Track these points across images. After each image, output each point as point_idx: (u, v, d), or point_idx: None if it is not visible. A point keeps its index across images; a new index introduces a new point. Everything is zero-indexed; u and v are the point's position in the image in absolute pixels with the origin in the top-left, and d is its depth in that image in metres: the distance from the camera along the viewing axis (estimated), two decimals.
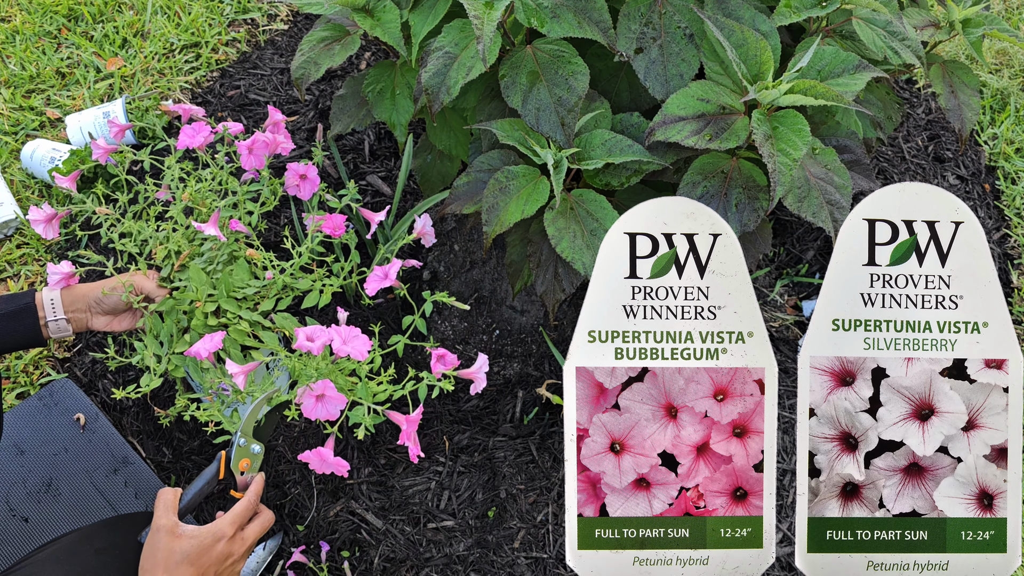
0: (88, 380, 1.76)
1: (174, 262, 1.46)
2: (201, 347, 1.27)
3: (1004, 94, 2.33)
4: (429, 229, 1.53)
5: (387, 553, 1.56)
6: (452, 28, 1.26)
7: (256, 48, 2.36)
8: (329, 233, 1.48)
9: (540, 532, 1.58)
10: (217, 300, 1.40)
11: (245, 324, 1.40)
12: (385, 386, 1.34)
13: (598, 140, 1.28)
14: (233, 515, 1.16)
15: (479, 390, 1.35)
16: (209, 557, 1.12)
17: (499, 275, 1.80)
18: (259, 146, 1.51)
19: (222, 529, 1.14)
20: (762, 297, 1.93)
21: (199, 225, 1.40)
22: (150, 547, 1.12)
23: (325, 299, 1.45)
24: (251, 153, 1.51)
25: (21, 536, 1.54)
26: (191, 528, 1.13)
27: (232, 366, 1.25)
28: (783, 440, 1.70)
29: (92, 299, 1.38)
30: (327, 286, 1.46)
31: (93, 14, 2.38)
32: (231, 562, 1.14)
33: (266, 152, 1.53)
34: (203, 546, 1.12)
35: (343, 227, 1.49)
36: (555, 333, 1.80)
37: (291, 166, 1.53)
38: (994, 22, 1.45)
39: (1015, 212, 2.11)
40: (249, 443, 1.28)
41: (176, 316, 1.42)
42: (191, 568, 1.10)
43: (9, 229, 1.97)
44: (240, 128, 1.55)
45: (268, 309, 1.43)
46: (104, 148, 1.54)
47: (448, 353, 1.33)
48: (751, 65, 1.23)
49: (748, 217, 1.24)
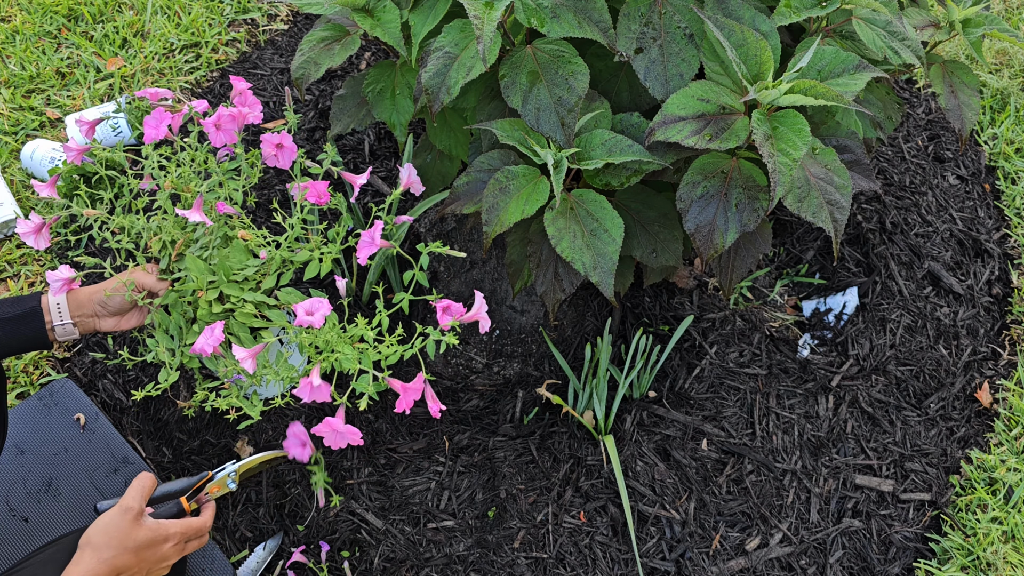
0: (88, 380, 1.76)
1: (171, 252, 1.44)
2: (203, 343, 1.26)
3: (1004, 94, 2.33)
4: (415, 179, 1.48)
5: (387, 553, 1.56)
6: (452, 28, 1.26)
7: (256, 48, 2.36)
8: (314, 202, 1.44)
9: (540, 532, 1.58)
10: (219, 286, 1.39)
11: (250, 306, 1.39)
12: (394, 346, 1.33)
13: (598, 140, 1.28)
14: (186, 525, 1.22)
15: (486, 329, 1.32)
16: (153, 553, 1.17)
17: (499, 275, 1.80)
18: (226, 121, 1.45)
19: (174, 533, 1.19)
20: (762, 297, 1.93)
21: (184, 212, 1.36)
22: (110, 522, 1.15)
23: (326, 267, 1.42)
24: (219, 130, 1.45)
25: (21, 536, 1.54)
26: (151, 521, 1.18)
27: (239, 351, 1.24)
28: (783, 440, 1.70)
29: (98, 302, 1.37)
30: (325, 254, 1.43)
31: (93, 14, 2.38)
32: (163, 565, 1.20)
33: (235, 127, 1.47)
34: (153, 541, 1.17)
35: (327, 194, 1.44)
36: (555, 333, 1.80)
37: (265, 137, 1.47)
38: (994, 22, 1.45)
39: (1015, 212, 2.11)
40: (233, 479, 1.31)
41: (182, 307, 1.41)
42: (134, 557, 1.14)
43: (9, 229, 1.97)
44: (206, 105, 1.49)
45: (271, 286, 1.42)
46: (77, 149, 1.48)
47: (453, 303, 1.30)
48: (751, 65, 1.23)
49: (748, 217, 1.24)
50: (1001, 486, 1.68)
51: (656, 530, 1.59)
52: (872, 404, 1.76)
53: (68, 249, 1.96)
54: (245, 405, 1.35)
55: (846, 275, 1.95)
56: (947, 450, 1.73)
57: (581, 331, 1.82)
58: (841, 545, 1.60)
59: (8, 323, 1.29)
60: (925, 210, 2.07)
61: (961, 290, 1.94)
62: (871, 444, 1.71)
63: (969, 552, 1.61)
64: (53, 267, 1.93)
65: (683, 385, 1.75)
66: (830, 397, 1.76)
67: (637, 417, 1.70)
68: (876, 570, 1.58)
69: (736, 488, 1.64)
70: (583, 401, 1.68)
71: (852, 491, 1.66)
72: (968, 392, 1.82)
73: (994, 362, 1.87)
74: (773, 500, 1.63)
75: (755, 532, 1.60)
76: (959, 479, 1.70)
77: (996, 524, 1.64)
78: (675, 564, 1.56)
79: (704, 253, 1.25)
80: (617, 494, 1.61)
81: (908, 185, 2.11)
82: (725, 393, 1.74)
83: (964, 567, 1.60)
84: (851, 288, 1.92)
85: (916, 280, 1.94)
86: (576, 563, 1.55)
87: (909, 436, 1.74)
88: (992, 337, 1.91)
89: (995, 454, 1.73)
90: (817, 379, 1.78)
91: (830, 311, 1.90)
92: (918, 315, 1.89)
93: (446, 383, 1.79)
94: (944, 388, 1.81)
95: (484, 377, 1.80)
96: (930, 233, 2.03)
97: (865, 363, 1.81)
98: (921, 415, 1.77)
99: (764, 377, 1.77)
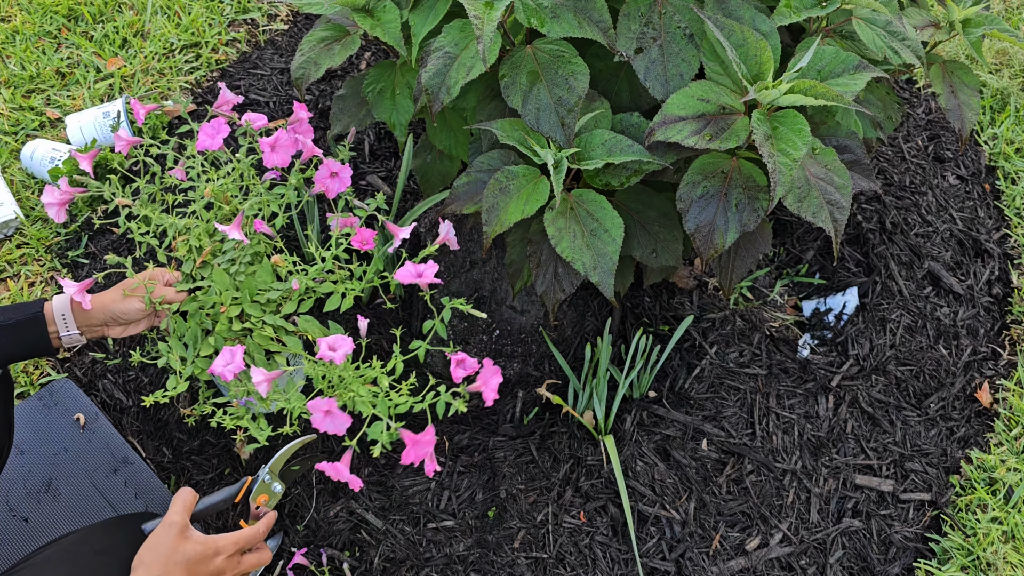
0: (88, 380, 1.76)
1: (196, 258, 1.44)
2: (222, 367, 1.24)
3: (1004, 94, 2.33)
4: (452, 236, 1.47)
5: (387, 553, 1.56)
6: (452, 28, 1.26)
7: (256, 48, 2.36)
8: (356, 247, 1.43)
9: (540, 532, 1.58)
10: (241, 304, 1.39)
11: (269, 329, 1.39)
12: (405, 397, 1.32)
13: (598, 140, 1.28)
14: (238, 537, 1.20)
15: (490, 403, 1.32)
16: (205, 567, 1.15)
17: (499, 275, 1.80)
18: (283, 144, 1.45)
19: (225, 546, 1.18)
20: (762, 297, 1.93)
21: (222, 227, 1.36)
22: (156, 539, 1.14)
23: (347, 303, 1.42)
24: (273, 151, 1.45)
25: (21, 536, 1.54)
26: (199, 535, 1.16)
27: (257, 374, 1.22)
28: (783, 440, 1.70)
29: (108, 314, 1.35)
30: (349, 290, 1.43)
31: (93, 14, 2.38)
32: None
33: (292, 150, 1.47)
34: (204, 555, 1.15)
35: (372, 243, 1.44)
36: (555, 333, 1.80)
37: (327, 160, 1.47)
38: (994, 22, 1.45)
39: (1015, 212, 2.11)
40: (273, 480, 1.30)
41: (200, 318, 1.40)
42: (184, 572, 1.13)
43: (9, 229, 1.97)
44: (264, 121, 1.49)
45: (291, 311, 1.42)
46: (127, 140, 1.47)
47: (468, 358, 1.30)
48: (751, 65, 1.23)
49: (748, 217, 1.24)
50: (1001, 486, 1.68)
51: (656, 530, 1.59)
52: (872, 404, 1.76)
53: (69, 248, 1.96)
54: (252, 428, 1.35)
55: (846, 275, 1.95)
56: (947, 450, 1.73)
57: (581, 331, 1.82)
58: (841, 545, 1.60)
59: (10, 329, 1.28)
60: (925, 210, 2.07)
61: (961, 290, 1.94)
62: (871, 444, 1.72)
63: (969, 552, 1.61)
64: (54, 267, 1.93)
65: (683, 385, 1.75)
66: (830, 397, 1.76)
67: (637, 417, 1.70)
68: (876, 570, 1.58)
69: (736, 488, 1.64)
70: (583, 401, 1.68)
71: (852, 491, 1.66)
72: (968, 392, 1.82)
73: (994, 362, 1.87)
74: (773, 500, 1.63)
75: (755, 532, 1.60)
76: (959, 479, 1.70)
77: (996, 524, 1.64)
78: (675, 564, 1.56)
79: (704, 253, 1.25)
80: (617, 494, 1.61)
81: (908, 185, 2.11)
82: (725, 393, 1.74)
83: (964, 567, 1.60)
84: (851, 288, 1.92)
85: (916, 280, 1.94)
86: (576, 563, 1.55)
87: (909, 436, 1.74)
88: (992, 337, 1.91)
89: (995, 454, 1.73)
90: (817, 379, 1.78)
91: (830, 311, 1.90)
92: (918, 315, 1.89)
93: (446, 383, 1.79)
94: (944, 388, 1.81)
95: None
96: (930, 233, 2.03)
97: (865, 363, 1.81)
98: (921, 415, 1.77)
99: (764, 377, 1.77)
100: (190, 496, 1.21)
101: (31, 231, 1.96)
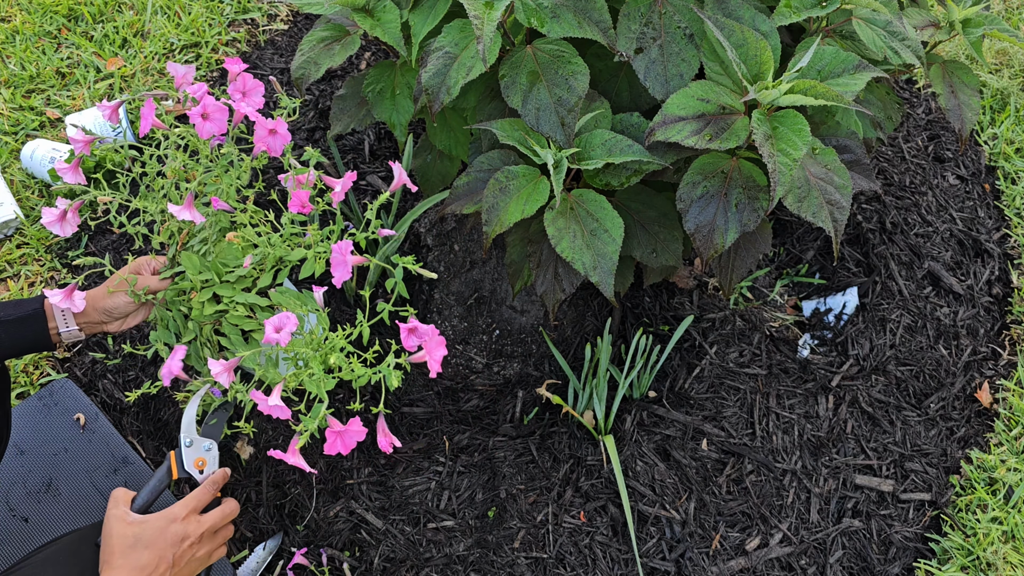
0: (88, 380, 1.76)
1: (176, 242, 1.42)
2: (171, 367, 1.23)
3: (1004, 94, 2.33)
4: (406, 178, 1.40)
5: (387, 553, 1.56)
6: (452, 28, 1.26)
7: (256, 48, 2.36)
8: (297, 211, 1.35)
9: (540, 532, 1.58)
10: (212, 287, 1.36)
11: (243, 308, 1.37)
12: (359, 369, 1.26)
13: (598, 140, 1.28)
14: (185, 500, 1.20)
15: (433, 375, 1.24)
16: (164, 538, 1.14)
17: (499, 275, 1.80)
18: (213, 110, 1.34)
19: (173, 512, 1.17)
20: (762, 297, 1.93)
21: (173, 209, 1.28)
22: (104, 537, 1.15)
23: (320, 268, 1.36)
24: (206, 120, 1.34)
25: (21, 536, 1.54)
26: (139, 515, 1.16)
27: (214, 365, 1.18)
28: (783, 440, 1.70)
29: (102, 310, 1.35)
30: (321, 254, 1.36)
31: (93, 14, 2.38)
32: (189, 543, 1.17)
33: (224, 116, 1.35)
34: (155, 527, 1.15)
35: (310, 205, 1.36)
36: (555, 333, 1.80)
37: (259, 120, 1.37)
38: (994, 22, 1.45)
39: (1015, 212, 2.11)
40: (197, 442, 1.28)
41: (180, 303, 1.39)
42: (146, 551, 1.13)
43: (9, 229, 1.97)
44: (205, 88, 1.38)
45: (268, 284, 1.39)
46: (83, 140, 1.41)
47: (420, 325, 1.23)
48: (751, 65, 1.23)
49: (748, 217, 1.24)
50: (1001, 486, 1.68)
51: (656, 530, 1.59)
52: (872, 404, 1.76)
53: (69, 248, 1.96)
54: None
55: (846, 275, 1.95)
56: (947, 450, 1.73)
57: (581, 331, 1.82)
58: (841, 545, 1.60)
59: (10, 325, 1.29)
60: (925, 210, 2.07)
61: (961, 290, 1.94)
62: (871, 444, 1.71)
63: (969, 552, 1.61)
64: (54, 267, 1.93)
65: (683, 385, 1.75)
66: (830, 397, 1.76)
67: (637, 417, 1.70)
68: (876, 570, 1.58)
69: (736, 488, 1.64)
70: (583, 401, 1.68)
71: (852, 491, 1.66)
72: (968, 392, 1.82)
73: (994, 362, 1.87)
74: (773, 500, 1.63)
75: (755, 532, 1.60)
76: (959, 479, 1.70)
77: (996, 524, 1.64)
78: (675, 564, 1.56)
79: (704, 253, 1.25)
80: (617, 494, 1.61)
81: (908, 185, 2.11)
82: (725, 393, 1.74)
83: (964, 567, 1.60)
84: (851, 288, 1.92)
85: (916, 280, 1.94)
86: (576, 563, 1.55)
87: (909, 436, 1.74)
88: (992, 337, 1.91)
89: (995, 454, 1.73)
90: (817, 379, 1.78)
91: (830, 311, 1.90)
92: (918, 315, 1.89)
93: (446, 383, 1.79)
94: (944, 388, 1.81)
95: (484, 377, 1.80)
96: (930, 233, 2.03)
97: (865, 363, 1.81)
98: (921, 415, 1.77)
99: (764, 377, 1.77)
100: (121, 492, 1.20)
101: (31, 231, 1.96)
